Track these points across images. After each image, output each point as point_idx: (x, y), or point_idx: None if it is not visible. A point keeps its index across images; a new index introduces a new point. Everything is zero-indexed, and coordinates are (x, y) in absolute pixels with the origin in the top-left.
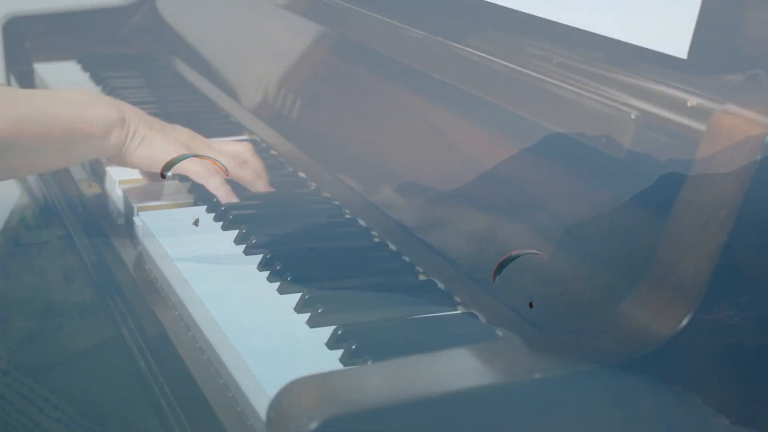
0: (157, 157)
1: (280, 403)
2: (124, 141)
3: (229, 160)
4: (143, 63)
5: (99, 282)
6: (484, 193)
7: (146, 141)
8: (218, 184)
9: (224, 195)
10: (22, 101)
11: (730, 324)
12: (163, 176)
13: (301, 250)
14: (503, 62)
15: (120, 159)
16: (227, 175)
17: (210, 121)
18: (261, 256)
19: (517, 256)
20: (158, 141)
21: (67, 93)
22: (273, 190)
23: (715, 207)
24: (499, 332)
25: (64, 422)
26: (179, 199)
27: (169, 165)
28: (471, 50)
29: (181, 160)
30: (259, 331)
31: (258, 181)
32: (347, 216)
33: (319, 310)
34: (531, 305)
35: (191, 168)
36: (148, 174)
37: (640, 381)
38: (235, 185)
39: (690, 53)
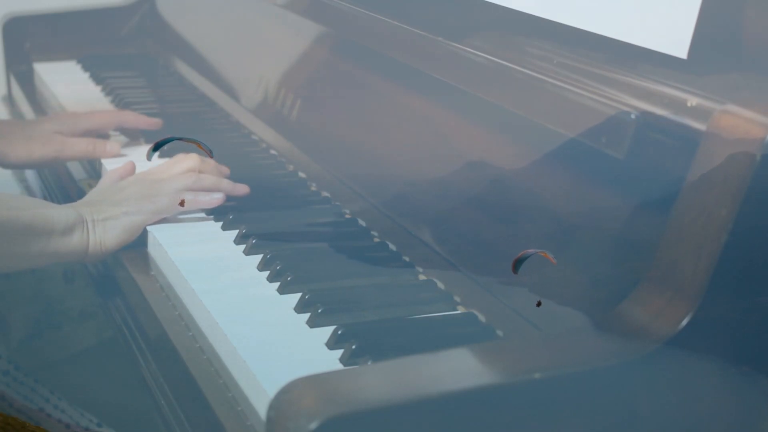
0: (126, 225)
1: (280, 403)
2: (87, 238)
3: (185, 179)
4: (143, 63)
5: (99, 282)
6: (484, 193)
7: (108, 223)
8: (193, 198)
9: (206, 202)
10: None
11: (730, 324)
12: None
13: (301, 250)
14: (503, 62)
15: (97, 252)
16: (211, 157)
17: (210, 121)
18: (261, 256)
19: (533, 254)
20: (116, 212)
21: (23, 196)
22: (245, 188)
23: (715, 207)
24: (499, 332)
25: (64, 422)
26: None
27: (155, 148)
28: (471, 50)
29: (166, 143)
30: (259, 331)
31: (221, 183)
32: (347, 216)
33: (319, 310)
34: (539, 304)
35: (158, 209)
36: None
37: (640, 381)
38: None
39: (690, 53)
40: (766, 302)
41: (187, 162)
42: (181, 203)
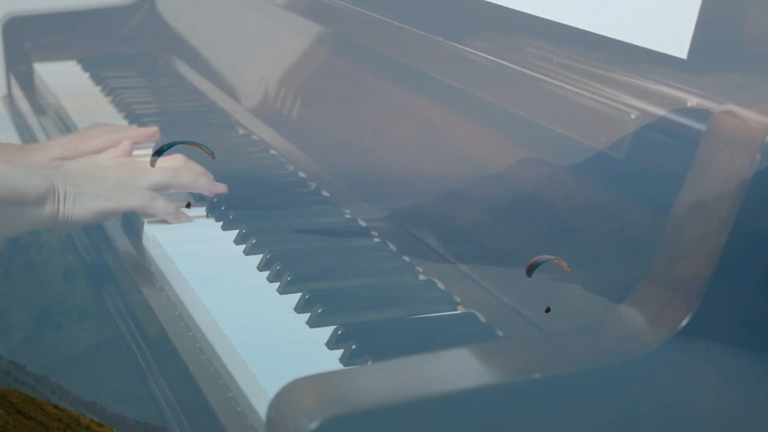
0: (95, 208)
1: (280, 403)
2: (58, 208)
3: (162, 174)
4: (143, 63)
5: (99, 282)
6: (484, 193)
7: (79, 198)
8: (161, 208)
9: (173, 217)
10: None
11: (730, 324)
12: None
13: (301, 250)
14: (503, 62)
15: (63, 224)
16: (213, 158)
17: (210, 121)
18: (261, 256)
19: (548, 260)
20: (90, 191)
21: None
22: (223, 187)
23: (715, 207)
24: (499, 332)
25: (65, 421)
26: (179, 198)
27: (158, 153)
28: (471, 50)
29: (168, 148)
30: (259, 331)
31: (199, 180)
32: (347, 216)
33: (319, 310)
34: (548, 310)
35: (129, 205)
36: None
37: (640, 381)
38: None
39: (690, 53)
40: (766, 302)
41: (170, 161)
42: (188, 205)
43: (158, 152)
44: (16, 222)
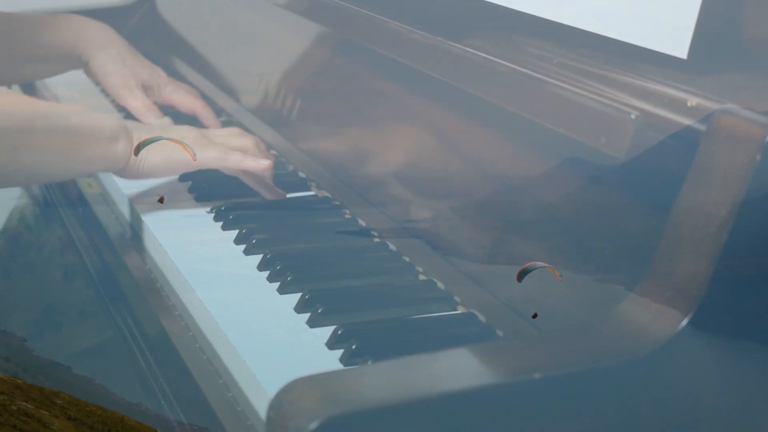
0: (170, 158)
1: (280, 403)
2: (131, 152)
3: (234, 152)
4: None
5: (99, 282)
6: (484, 193)
7: (153, 147)
8: (241, 158)
9: (254, 165)
10: (33, 101)
11: (730, 324)
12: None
13: (301, 249)
14: (503, 62)
15: (132, 171)
16: (194, 160)
17: None
18: (261, 256)
19: (541, 267)
20: (165, 143)
21: (72, 104)
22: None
23: (715, 207)
24: (499, 332)
25: (109, 423)
26: (179, 198)
27: (141, 146)
28: (471, 50)
29: (151, 142)
30: (259, 331)
31: (258, 150)
32: (347, 216)
33: (319, 310)
34: (534, 316)
35: (206, 158)
36: None
37: (640, 381)
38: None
39: (690, 53)
40: (766, 302)
41: (243, 140)
42: (161, 200)
43: (143, 145)
44: (91, 158)
